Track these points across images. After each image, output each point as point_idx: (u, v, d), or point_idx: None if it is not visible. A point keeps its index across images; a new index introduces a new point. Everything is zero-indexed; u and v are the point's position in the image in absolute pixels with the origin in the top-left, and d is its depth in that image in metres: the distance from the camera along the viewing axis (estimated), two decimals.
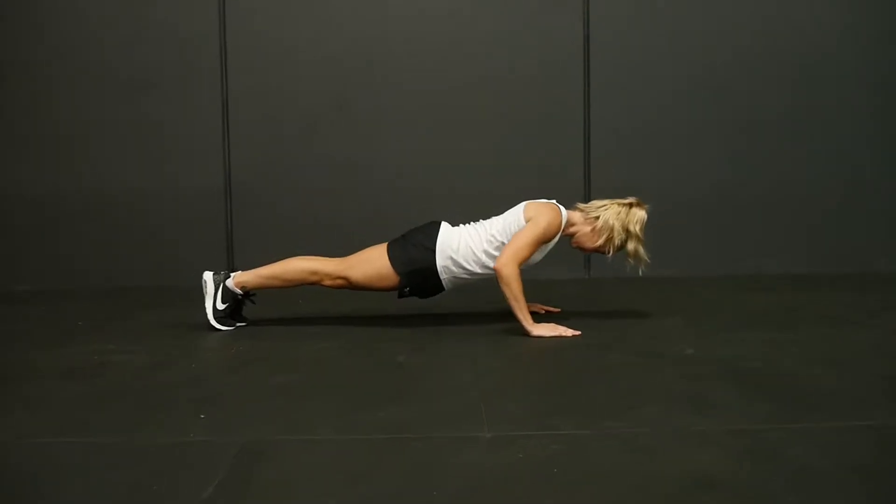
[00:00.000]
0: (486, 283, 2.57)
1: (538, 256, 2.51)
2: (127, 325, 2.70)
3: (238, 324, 2.59)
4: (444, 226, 2.53)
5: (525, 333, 2.39)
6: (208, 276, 2.54)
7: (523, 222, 2.44)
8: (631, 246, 2.49)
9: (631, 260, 2.51)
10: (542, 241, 2.43)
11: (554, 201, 2.53)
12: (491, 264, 2.46)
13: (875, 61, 3.70)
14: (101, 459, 1.44)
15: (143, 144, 3.60)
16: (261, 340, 2.42)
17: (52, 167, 3.59)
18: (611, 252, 2.52)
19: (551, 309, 2.77)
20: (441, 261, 2.47)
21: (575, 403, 1.75)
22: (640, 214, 2.49)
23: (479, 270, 2.49)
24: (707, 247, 3.72)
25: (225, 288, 2.53)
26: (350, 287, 2.55)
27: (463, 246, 2.47)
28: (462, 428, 1.57)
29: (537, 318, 2.60)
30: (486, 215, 2.61)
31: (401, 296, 2.56)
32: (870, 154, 3.74)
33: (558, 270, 3.56)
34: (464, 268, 2.48)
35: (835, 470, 1.34)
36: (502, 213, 2.55)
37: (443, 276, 2.50)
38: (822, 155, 3.72)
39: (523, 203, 2.51)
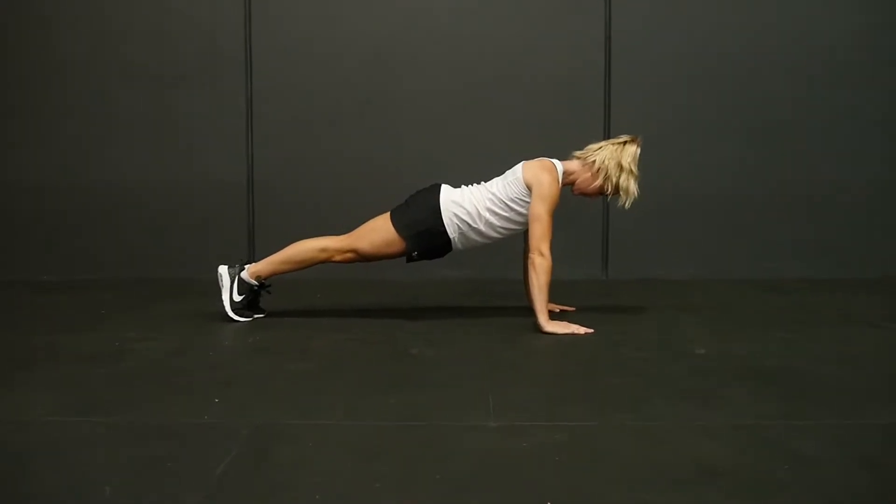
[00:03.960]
0: (497, 272, 2.59)
1: None
2: (149, 315, 2.77)
3: (256, 315, 2.64)
4: (445, 186, 2.58)
5: (539, 329, 2.41)
6: (223, 269, 2.60)
7: (522, 183, 2.48)
8: (623, 179, 2.51)
9: (622, 194, 2.53)
10: (555, 204, 2.47)
11: (547, 158, 2.56)
12: (494, 221, 2.51)
13: (895, 61, 3.66)
14: (119, 437, 1.49)
15: (167, 138, 3.68)
16: (277, 330, 2.46)
17: (79, 161, 3.68)
18: (609, 190, 2.55)
19: (566, 307, 2.78)
20: (447, 219, 2.51)
21: (583, 396, 1.76)
22: (631, 149, 2.52)
23: (482, 228, 2.52)
24: (726, 249, 3.69)
25: (241, 280, 2.58)
26: (361, 259, 2.59)
27: (466, 202, 2.52)
28: (469, 417, 1.60)
29: (552, 316, 2.61)
30: None
31: (409, 260, 2.59)
32: (890, 157, 3.68)
33: (575, 271, 3.57)
34: (469, 224, 2.52)
35: (838, 463, 1.34)
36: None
37: (451, 233, 2.53)
38: (844, 158, 3.68)
39: (520, 164, 2.55)
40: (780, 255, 3.68)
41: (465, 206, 2.51)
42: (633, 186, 2.51)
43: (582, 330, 2.40)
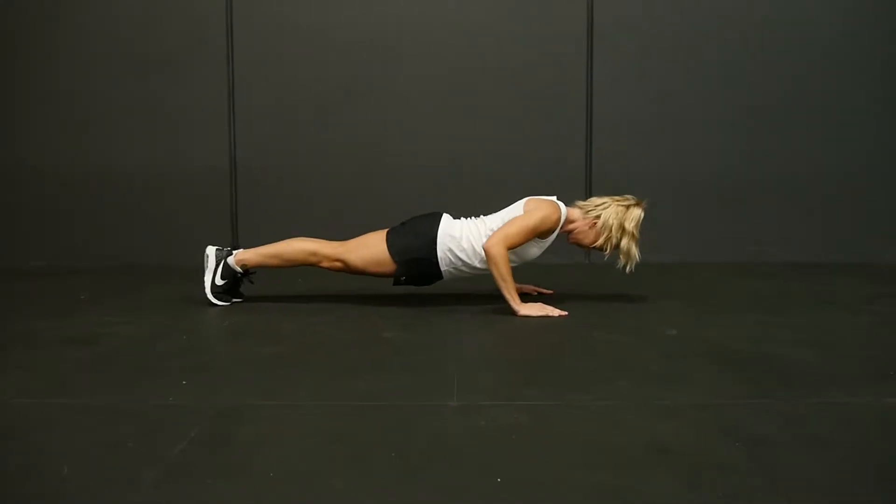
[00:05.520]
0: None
1: (536, 252, 2.53)
2: (129, 300, 2.78)
3: (234, 300, 2.65)
4: (446, 217, 2.56)
5: (513, 313, 2.42)
6: (211, 250, 2.60)
7: None
8: (624, 243, 2.51)
9: (622, 257, 2.53)
10: (535, 231, 2.44)
11: (555, 198, 2.54)
12: None
13: (884, 48, 3.64)
14: (85, 419, 1.50)
15: (150, 124, 3.68)
16: (255, 315, 2.48)
17: (62, 147, 3.68)
18: (608, 250, 2.55)
19: (543, 290, 2.80)
20: (441, 252, 2.50)
21: (548, 377, 1.77)
22: (636, 213, 2.51)
23: (477, 265, 2.52)
24: (710, 233, 3.70)
25: (226, 265, 2.59)
26: (347, 270, 2.59)
27: (464, 239, 2.50)
28: (432, 397, 1.61)
29: (529, 299, 2.64)
30: (490, 202, 2.66)
31: (396, 283, 2.59)
32: (879, 143, 3.68)
33: (558, 255, 3.57)
34: (463, 261, 2.51)
35: (790, 442, 1.36)
36: (504, 203, 2.58)
37: (443, 266, 2.52)
38: (829, 143, 3.67)
39: (524, 199, 2.53)
40: (764, 239, 3.69)
41: (462, 243, 2.49)
42: (634, 250, 2.51)
43: (556, 312, 2.41)
